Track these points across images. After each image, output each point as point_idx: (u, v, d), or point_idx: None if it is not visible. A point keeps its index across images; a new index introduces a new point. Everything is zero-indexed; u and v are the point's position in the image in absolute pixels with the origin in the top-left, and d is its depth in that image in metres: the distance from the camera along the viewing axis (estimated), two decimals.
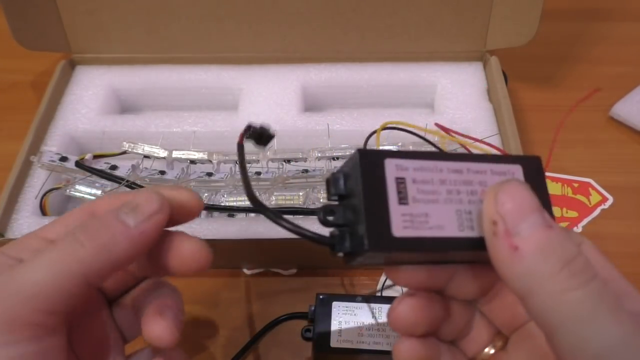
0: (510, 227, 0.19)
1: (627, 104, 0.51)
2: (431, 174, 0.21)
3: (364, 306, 0.36)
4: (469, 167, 0.22)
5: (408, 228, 0.20)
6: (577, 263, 0.18)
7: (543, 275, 0.18)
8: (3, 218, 0.40)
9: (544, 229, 0.19)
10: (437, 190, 0.21)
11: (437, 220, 0.20)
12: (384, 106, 0.51)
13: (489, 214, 0.20)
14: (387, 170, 0.20)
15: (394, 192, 0.20)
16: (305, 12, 0.48)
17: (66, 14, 0.49)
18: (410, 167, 0.21)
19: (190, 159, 0.42)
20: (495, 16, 0.48)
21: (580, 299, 0.18)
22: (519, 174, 0.22)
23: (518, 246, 0.19)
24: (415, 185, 0.21)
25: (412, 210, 0.20)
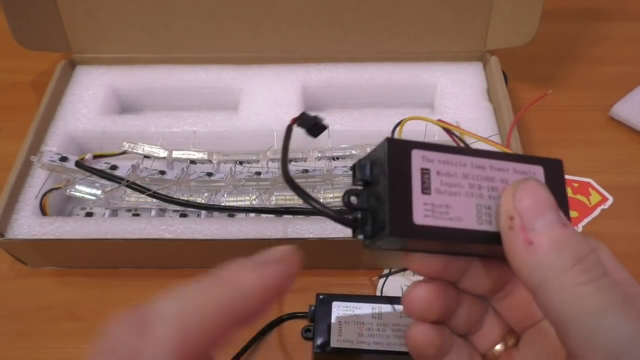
0: (526, 223, 0.20)
1: (627, 104, 0.51)
2: (455, 167, 0.22)
3: (364, 306, 0.36)
4: (492, 164, 0.22)
5: (429, 217, 0.21)
6: (589, 260, 0.19)
7: (556, 268, 0.19)
8: (3, 218, 0.40)
9: (559, 227, 0.20)
10: (460, 183, 0.22)
11: (457, 212, 0.21)
12: (384, 106, 0.51)
13: (507, 209, 0.20)
14: (414, 161, 0.21)
15: (418, 181, 0.21)
16: (305, 12, 0.48)
17: (66, 14, 0.49)
18: (435, 159, 0.22)
19: (190, 159, 0.42)
20: (495, 16, 0.48)
21: (592, 293, 0.18)
22: (540, 174, 0.23)
23: (533, 241, 0.19)
24: (439, 177, 0.21)
25: (434, 201, 0.21)
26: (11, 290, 0.42)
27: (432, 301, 0.23)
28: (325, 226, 0.39)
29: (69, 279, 0.43)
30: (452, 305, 0.24)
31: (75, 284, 0.42)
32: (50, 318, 0.40)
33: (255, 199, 0.41)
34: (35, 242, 0.40)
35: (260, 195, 0.41)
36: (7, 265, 0.43)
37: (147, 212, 0.43)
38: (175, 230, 0.40)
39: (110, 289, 0.42)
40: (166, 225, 0.40)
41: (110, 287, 0.42)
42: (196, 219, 0.41)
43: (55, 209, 0.43)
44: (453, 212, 0.21)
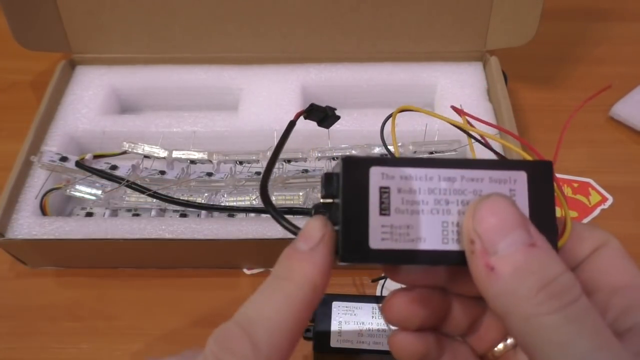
0: (487, 246, 0.18)
1: (627, 104, 0.51)
2: (419, 182, 0.20)
3: (364, 306, 0.36)
4: (464, 174, 0.20)
5: (386, 240, 0.19)
6: (558, 284, 0.17)
7: (519, 297, 0.17)
8: (3, 218, 0.40)
9: (524, 249, 0.18)
10: (424, 200, 0.20)
11: (419, 232, 0.20)
12: (384, 106, 0.51)
13: (467, 231, 0.19)
14: (372, 179, 0.20)
15: (376, 202, 0.20)
16: (305, 12, 0.48)
17: (66, 14, 0.49)
18: (397, 176, 0.20)
19: (190, 159, 0.42)
20: (495, 16, 0.48)
21: (558, 323, 0.17)
22: (522, 181, 0.21)
23: (494, 266, 0.18)
24: (400, 195, 0.20)
25: (393, 222, 0.20)
26: (11, 290, 0.42)
27: (412, 310, 0.22)
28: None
29: (69, 279, 0.43)
30: (439, 311, 0.23)
31: (75, 284, 0.42)
32: (50, 318, 0.40)
33: (255, 199, 0.41)
34: (36, 242, 0.40)
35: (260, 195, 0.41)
36: (7, 265, 0.43)
37: (147, 212, 0.43)
38: (175, 230, 0.40)
39: (110, 289, 0.42)
40: (166, 225, 0.40)
41: (110, 287, 0.42)
42: (196, 219, 0.41)
43: (56, 209, 0.43)
44: (414, 233, 0.20)
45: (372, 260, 0.19)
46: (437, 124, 0.45)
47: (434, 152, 0.41)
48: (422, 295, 0.22)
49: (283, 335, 0.19)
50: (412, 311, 0.22)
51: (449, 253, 0.20)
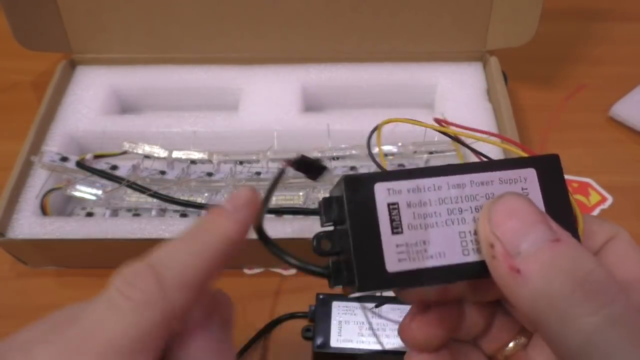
0: (509, 248, 0.17)
1: (626, 104, 0.51)
2: (429, 193, 0.19)
3: (364, 306, 0.36)
4: (473, 178, 0.19)
5: (404, 260, 0.18)
6: (593, 281, 0.16)
7: (552, 298, 0.16)
8: (4, 218, 0.40)
9: (549, 245, 0.17)
10: (436, 211, 0.19)
11: (438, 247, 0.18)
12: (384, 106, 0.51)
13: (485, 236, 0.18)
14: (378, 197, 0.18)
15: (386, 221, 0.18)
16: (305, 12, 0.48)
17: (66, 14, 0.49)
18: (404, 189, 0.19)
19: (190, 159, 0.42)
20: (495, 16, 0.48)
21: (598, 327, 0.15)
22: (533, 178, 0.20)
23: (520, 268, 0.17)
24: (410, 209, 0.19)
25: (408, 240, 0.18)
26: (11, 290, 0.42)
27: (432, 332, 0.21)
28: (326, 226, 0.39)
29: (69, 279, 0.43)
30: (455, 325, 0.22)
31: (75, 284, 0.42)
32: None
33: None
34: (36, 242, 0.40)
35: None
36: (7, 265, 0.43)
37: (147, 212, 0.43)
38: (175, 230, 0.40)
39: None
40: (166, 225, 0.40)
41: None
42: (196, 218, 0.41)
43: (56, 208, 0.43)
44: (432, 249, 0.18)
45: (392, 285, 0.18)
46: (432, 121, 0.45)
47: (434, 152, 0.41)
48: (440, 314, 0.21)
49: (190, 279, 0.19)
50: (431, 334, 0.21)
51: (472, 265, 0.19)
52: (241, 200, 0.20)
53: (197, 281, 0.19)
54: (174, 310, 0.18)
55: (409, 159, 0.42)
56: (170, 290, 0.18)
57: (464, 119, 0.46)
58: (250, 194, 0.21)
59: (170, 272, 0.18)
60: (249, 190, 0.21)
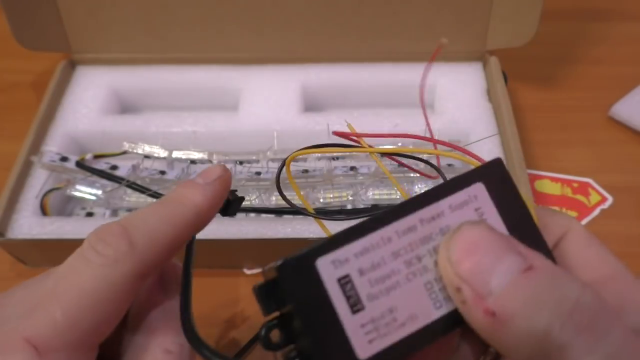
0: (478, 288, 0.15)
1: (627, 104, 0.51)
2: (379, 250, 0.16)
3: None
4: (422, 216, 0.17)
5: (375, 340, 0.16)
6: (582, 310, 0.14)
7: (539, 340, 0.14)
8: (3, 218, 0.40)
9: (523, 276, 0.15)
10: (394, 269, 0.16)
11: (407, 310, 0.16)
12: (384, 106, 0.51)
13: (449, 280, 0.16)
14: (324, 276, 0.16)
15: (341, 300, 0.16)
16: (305, 12, 0.48)
17: (66, 14, 0.49)
18: (350, 256, 0.16)
19: (190, 159, 0.42)
20: (495, 16, 0.48)
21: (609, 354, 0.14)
22: (483, 194, 0.18)
23: (495, 310, 0.14)
24: (364, 277, 0.16)
25: (372, 314, 0.16)
26: None
27: None
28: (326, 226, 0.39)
29: None
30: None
31: None
32: None
33: (255, 199, 0.41)
34: (36, 242, 0.40)
35: (260, 195, 0.41)
36: (7, 265, 0.43)
37: None
38: None
39: None
40: None
41: None
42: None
43: (56, 209, 0.43)
44: (402, 314, 0.16)
45: None
46: (437, 124, 0.45)
47: None
48: None
49: (160, 243, 0.20)
50: None
51: (448, 316, 0.16)
52: (212, 175, 0.22)
53: (165, 245, 0.20)
54: (142, 269, 0.19)
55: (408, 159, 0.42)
56: (140, 251, 0.19)
57: (464, 118, 0.46)
58: (221, 170, 0.22)
59: (141, 234, 0.20)
60: (220, 167, 0.23)
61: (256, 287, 0.17)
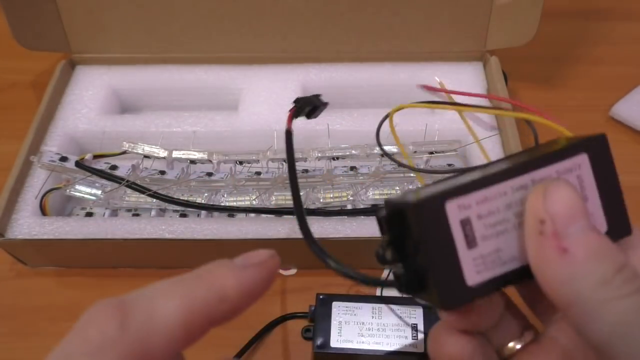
0: (559, 228, 0.18)
1: (627, 104, 0.51)
2: (496, 201, 0.19)
3: (364, 306, 0.36)
4: (534, 177, 0.20)
5: (481, 272, 0.19)
6: (628, 270, 0.18)
7: (594, 280, 0.17)
8: (3, 218, 0.40)
9: (594, 234, 0.18)
10: (505, 218, 0.19)
11: (509, 252, 0.19)
12: (384, 106, 0.51)
13: (537, 211, 0.18)
14: (450, 216, 0.19)
15: (461, 237, 0.19)
16: (305, 12, 0.48)
17: (66, 14, 0.49)
18: (472, 203, 0.19)
19: (190, 159, 0.42)
20: (495, 16, 0.48)
21: (635, 306, 0.17)
22: (585, 164, 0.20)
23: (568, 248, 0.18)
24: (481, 221, 0.19)
25: (483, 251, 0.19)
26: (11, 290, 0.42)
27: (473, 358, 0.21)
28: (326, 226, 0.39)
29: (69, 279, 0.43)
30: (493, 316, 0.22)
31: (75, 284, 0.42)
32: (50, 318, 0.40)
33: (255, 199, 0.41)
34: (35, 242, 0.40)
35: (260, 195, 0.41)
36: (7, 265, 0.43)
37: (147, 212, 0.43)
38: (175, 230, 0.40)
39: (110, 289, 0.42)
40: (166, 225, 0.40)
41: (110, 287, 0.42)
42: (196, 219, 0.41)
43: (55, 209, 0.43)
44: (505, 255, 0.19)
45: (474, 297, 0.19)
46: (437, 124, 0.45)
47: (434, 152, 0.41)
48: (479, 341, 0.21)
49: (163, 324, 0.17)
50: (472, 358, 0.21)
51: None
52: (254, 258, 0.19)
53: (172, 330, 0.17)
54: (140, 355, 0.16)
55: (409, 159, 0.42)
56: (136, 335, 0.16)
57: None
58: (267, 255, 0.19)
59: (140, 314, 0.17)
60: (267, 252, 0.19)
61: (382, 215, 0.20)
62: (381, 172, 0.41)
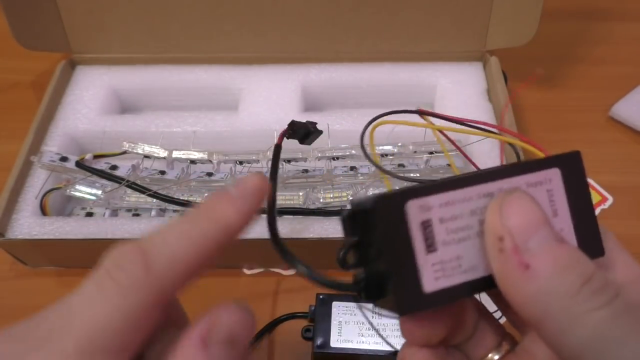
0: (519, 243, 0.17)
1: (627, 104, 0.51)
2: (460, 206, 0.18)
3: (364, 306, 0.36)
4: (502, 185, 0.19)
5: (440, 279, 0.18)
6: (597, 280, 0.17)
7: (561, 295, 0.16)
8: (3, 218, 0.40)
9: (557, 244, 0.17)
10: (468, 224, 0.18)
11: (471, 261, 0.18)
12: (384, 106, 0.51)
13: (495, 227, 0.18)
14: (410, 216, 0.18)
15: (420, 241, 0.18)
16: (305, 12, 0.48)
17: (66, 14, 0.49)
18: (435, 204, 0.18)
19: (190, 159, 0.42)
20: (495, 16, 0.48)
21: (607, 319, 0.16)
22: (557, 179, 0.19)
23: (530, 263, 0.17)
24: (443, 225, 0.18)
25: (443, 257, 0.18)
26: (11, 290, 0.42)
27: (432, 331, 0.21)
28: (326, 226, 0.39)
29: (69, 279, 0.43)
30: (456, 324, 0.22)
31: (75, 284, 0.42)
32: None
33: None
34: (36, 242, 0.40)
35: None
36: (7, 265, 0.43)
37: (147, 212, 0.43)
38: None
39: None
40: None
41: None
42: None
43: (56, 209, 0.43)
44: (466, 263, 0.18)
45: (431, 305, 0.18)
46: (436, 124, 0.45)
47: (434, 152, 0.41)
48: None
49: (183, 266, 0.18)
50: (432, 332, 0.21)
51: None
52: (248, 187, 0.19)
53: (187, 268, 0.18)
54: (160, 296, 0.18)
55: (409, 159, 0.42)
56: (158, 276, 0.18)
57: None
58: (260, 181, 0.20)
59: (159, 257, 0.18)
60: (258, 177, 0.20)
61: (344, 215, 0.19)
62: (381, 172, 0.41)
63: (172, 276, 0.18)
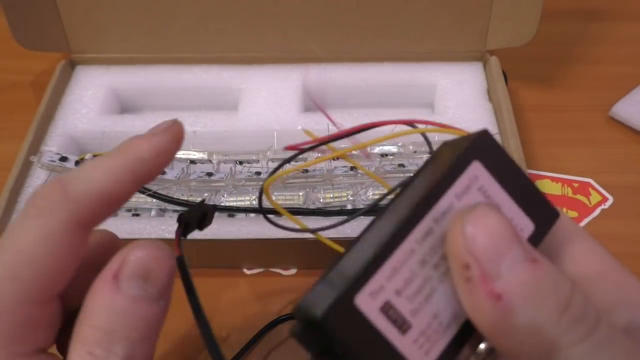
0: (488, 269, 0.15)
1: (627, 104, 0.51)
2: (407, 266, 0.16)
3: None
4: (434, 215, 0.16)
5: (430, 349, 0.16)
6: (576, 305, 0.15)
7: (539, 327, 0.14)
8: (3, 218, 0.40)
9: (529, 266, 0.15)
10: (426, 276, 0.16)
11: (449, 311, 0.16)
12: (384, 106, 0.51)
13: (459, 255, 0.15)
14: (366, 310, 0.15)
15: (389, 327, 0.16)
16: (305, 12, 0.48)
17: (66, 14, 0.49)
18: (383, 282, 0.16)
19: (190, 159, 0.42)
20: (495, 16, 0.48)
21: (590, 353, 0.14)
22: (482, 173, 0.17)
23: (501, 293, 0.15)
24: (402, 296, 0.16)
25: (420, 327, 0.16)
26: None
27: None
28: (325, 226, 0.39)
29: None
30: None
31: None
32: None
33: (255, 199, 0.41)
34: None
35: (260, 196, 0.41)
36: None
37: (147, 212, 0.43)
38: (175, 230, 0.39)
39: None
40: (166, 225, 0.40)
41: None
42: None
43: None
44: (445, 317, 0.16)
45: None
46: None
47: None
48: None
49: (96, 190, 0.20)
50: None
51: None
52: (160, 126, 0.22)
53: (103, 194, 0.20)
54: (79, 218, 0.19)
55: (409, 159, 0.42)
56: (74, 199, 0.19)
57: (464, 118, 0.46)
58: (170, 122, 0.22)
59: (76, 182, 0.19)
60: (170, 120, 0.22)
61: (297, 332, 0.16)
62: (381, 172, 0.41)
63: (89, 201, 0.19)
